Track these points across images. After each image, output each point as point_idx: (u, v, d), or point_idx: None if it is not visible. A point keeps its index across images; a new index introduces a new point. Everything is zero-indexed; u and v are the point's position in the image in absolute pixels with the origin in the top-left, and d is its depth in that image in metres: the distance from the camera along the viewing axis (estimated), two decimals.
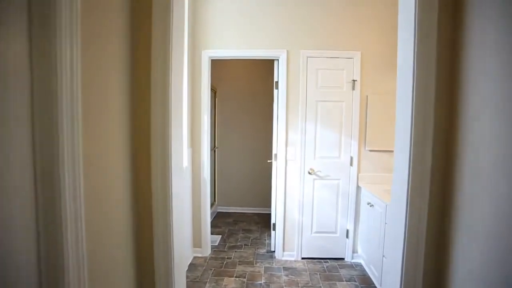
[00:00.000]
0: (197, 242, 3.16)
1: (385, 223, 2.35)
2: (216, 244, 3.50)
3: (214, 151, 4.71)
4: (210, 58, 3.08)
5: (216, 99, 4.70)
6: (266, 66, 3.94)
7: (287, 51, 3.02)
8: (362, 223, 3.01)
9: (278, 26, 3.02)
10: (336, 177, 3.10)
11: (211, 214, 4.30)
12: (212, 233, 3.74)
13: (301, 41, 3.02)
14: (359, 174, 3.08)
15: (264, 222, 4.36)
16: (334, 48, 3.01)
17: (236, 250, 3.38)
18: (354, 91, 3.01)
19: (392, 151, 3.13)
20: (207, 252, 3.20)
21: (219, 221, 4.39)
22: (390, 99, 3.00)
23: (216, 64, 4.58)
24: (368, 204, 2.76)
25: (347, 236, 3.14)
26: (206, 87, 3.06)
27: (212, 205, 4.52)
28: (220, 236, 3.75)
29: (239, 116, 4.77)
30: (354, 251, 3.14)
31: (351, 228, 3.11)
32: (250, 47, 3.02)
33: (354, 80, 3.00)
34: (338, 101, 3.03)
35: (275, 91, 3.13)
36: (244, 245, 3.52)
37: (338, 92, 3.02)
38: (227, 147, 4.80)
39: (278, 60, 3.07)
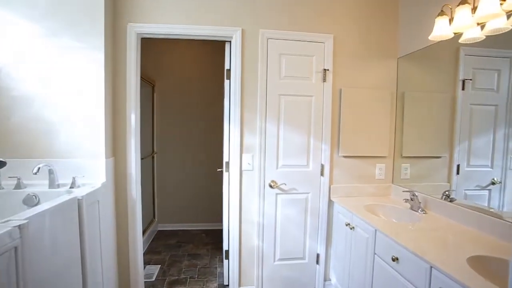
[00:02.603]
0: (124, 283, 2.35)
1: (374, 254, 1.78)
2: (153, 279, 2.71)
3: (153, 157, 3.88)
4: (140, 36, 2.29)
5: (155, 94, 3.88)
6: (219, 52, 3.21)
7: (242, 30, 2.34)
8: (336, 246, 2.43)
9: None
10: (304, 190, 2.48)
11: (150, 234, 3.50)
12: (148, 263, 2.95)
13: (261, 18, 2.36)
14: (332, 186, 2.50)
15: (214, 242, 3.64)
16: (301, 28, 2.39)
17: (179, 286, 2.62)
18: (325, 83, 2.42)
19: (370, 157, 2.67)
20: None
21: (159, 243, 3.57)
22: (368, 94, 2.46)
23: (153, 49, 3.80)
24: (347, 225, 2.18)
25: (317, 262, 2.54)
26: (133, 75, 2.26)
27: (150, 223, 3.70)
28: (159, 266, 2.96)
29: (184, 115, 4.00)
30: (326, 278, 2.55)
31: (322, 251, 2.52)
32: (194, 23, 2.29)
33: (325, 70, 2.40)
34: (306, 95, 2.42)
35: (226, 82, 2.44)
36: (190, 278, 2.77)
37: (306, 84, 2.41)
38: (169, 153, 4.00)
39: (230, 42, 2.38)
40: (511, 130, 1.62)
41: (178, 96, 3.97)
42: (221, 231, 3.07)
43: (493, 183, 1.74)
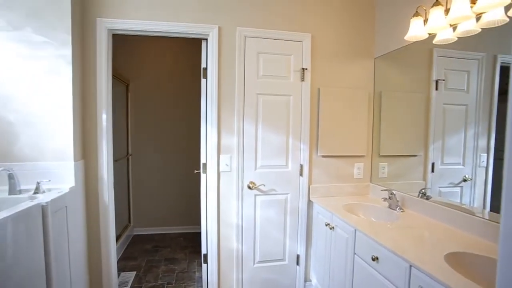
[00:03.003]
0: None
1: (354, 253, 1.77)
2: (128, 286, 2.59)
3: (127, 159, 3.73)
4: (111, 32, 2.17)
5: (129, 94, 3.74)
6: (197, 50, 3.13)
7: (219, 27, 2.27)
8: (316, 246, 2.42)
9: None
10: (284, 191, 2.45)
11: (125, 239, 3.36)
12: (123, 270, 2.82)
13: (238, 15, 2.31)
14: (311, 186, 2.48)
15: (193, 245, 3.55)
16: (279, 27, 2.36)
17: None
18: (303, 82, 2.40)
19: (349, 157, 2.69)
20: None
21: (135, 249, 3.44)
22: (346, 94, 2.47)
23: (127, 47, 3.66)
24: (326, 225, 2.17)
25: (297, 263, 2.52)
26: (104, 73, 2.15)
27: (125, 228, 3.56)
28: (135, 273, 2.84)
29: (161, 115, 3.88)
30: (306, 279, 2.54)
31: (302, 252, 2.50)
32: (170, 19, 2.21)
33: (303, 69, 2.39)
34: (284, 94, 2.39)
35: (202, 81, 2.36)
36: (167, 283, 2.67)
37: (284, 83, 2.38)
38: (145, 154, 3.87)
39: (207, 40, 2.31)
40: (480, 129, 1.66)
41: (154, 95, 3.85)
42: (199, 234, 2.99)
43: (464, 180, 1.78)
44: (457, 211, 1.72)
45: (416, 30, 1.88)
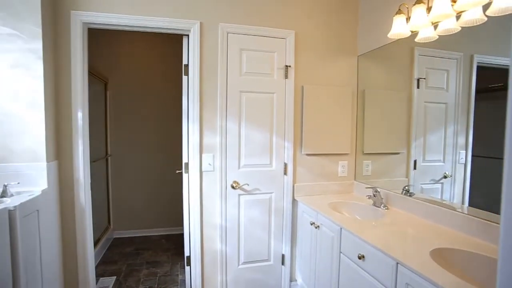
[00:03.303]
0: None
1: (340, 252, 1.75)
2: None
3: (106, 160, 3.60)
4: (86, 25, 2.06)
5: (108, 91, 3.61)
6: (180, 47, 3.05)
7: (201, 23, 2.21)
8: (301, 245, 2.40)
9: None
10: (268, 190, 2.42)
11: (104, 242, 3.24)
12: (102, 275, 2.71)
13: (220, 10, 2.25)
14: (295, 185, 2.46)
15: (176, 247, 3.46)
16: (263, 23, 2.32)
17: None
18: (287, 80, 2.38)
19: (333, 155, 2.66)
20: None
21: (115, 252, 3.32)
22: (330, 91, 2.46)
23: (106, 43, 3.54)
24: (311, 224, 2.15)
25: (282, 263, 2.49)
26: (79, 69, 2.04)
27: (105, 231, 3.43)
28: (115, 278, 2.73)
29: (142, 114, 3.77)
30: (291, 279, 2.51)
31: (287, 252, 2.47)
32: (149, 14, 2.12)
33: (287, 66, 2.36)
34: (268, 92, 2.35)
35: (184, 78, 2.29)
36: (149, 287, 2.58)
37: (267, 80, 2.35)
38: (125, 155, 3.75)
39: (188, 35, 2.24)
40: (459, 127, 1.69)
41: (135, 94, 3.72)
42: (183, 235, 2.91)
43: (445, 177, 1.80)
44: (440, 207, 1.73)
45: (399, 28, 1.89)
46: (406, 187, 2.03)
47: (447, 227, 1.66)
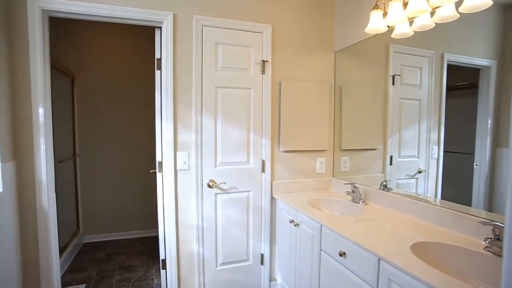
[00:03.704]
0: None
1: (321, 250, 1.72)
2: None
3: (74, 160, 3.39)
4: (46, 13, 1.90)
5: (75, 88, 3.40)
6: (153, 40, 2.91)
7: (174, 15, 2.10)
8: (281, 244, 2.36)
9: None
10: (245, 188, 2.36)
11: (73, 248, 3.06)
12: (69, 284, 2.54)
13: (195, 2, 2.15)
14: (273, 182, 2.41)
15: (150, 250, 3.33)
16: (239, 17, 2.25)
17: None
18: (264, 75, 2.32)
19: (311, 151, 2.62)
20: None
21: (85, 258, 3.13)
22: (307, 87, 2.43)
23: (72, 36, 3.33)
24: (291, 222, 2.11)
25: (262, 263, 2.44)
26: (40, 61, 1.87)
27: (73, 236, 3.24)
28: (84, 285, 2.56)
29: (113, 112, 3.59)
30: (271, 279, 2.47)
31: (266, 251, 2.42)
32: (118, 3, 1.99)
33: (264, 61, 2.30)
34: (244, 87, 2.29)
35: (156, 72, 2.18)
36: None
37: (244, 75, 2.28)
38: (95, 154, 3.55)
39: (161, 28, 2.13)
40: (431, 123, 1.71)
41: (105, 90, 3.53)
42: (157, 238, 2.79)
43: (419, 172, 1.83)
44: (417, 201, 1.75)
45: (375, 23, 1.88)
46: (384, 183, 2.05)
47: (424, 220, 1.68)
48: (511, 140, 0.60)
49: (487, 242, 1.25)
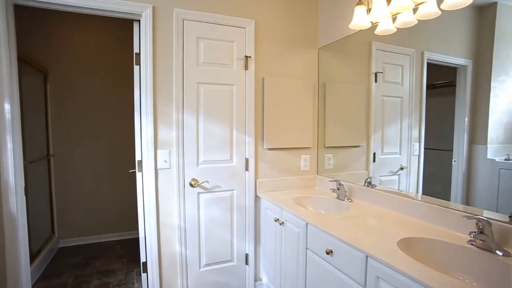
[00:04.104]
0: None
1: (307, 248, 1.69)
2: None
3: (48, 160, 3.22)
4: (11, 1, 1.77)
5: (48, 84, 3.22)
6: (129, 34, 2.79)
7: (154, 7, 2.01)
8: (266, 243, 2.32)
9: None
10: (229, 187, 2.30)
11: (47, 254, 2.91)
12: None
13: None
14: (257, 181, 2.37)
15: (131, 253, 3.21)
16: (221, 11, 2.18)
17: None
18: (247, 71, 2.27)
19: (295, 149, 2.54)
20: None
21: (61, 264, 2.97)
22: (291, 84, 2.41)
23: (44, 30, 3.17)
24: (276, 221, 2.07)
25: (246, 263, 2.40)
26: (4, 54, 1.73)
27: (48, 241, 3.07)
28: None
29: (89, 109, 3.43)
30: (256, 279, 2.42)
31: (251, 251, 2.38)
32: None
33: (247, 57, 2.25)
34: (227, 84, 2.23)
35: (135, 67, 2.08)
36: None
37: (227, 71, 2.22)
38: (72, 154, 3.39)
39: (139, 21, 2.04)
40: (412, 120, 1.73)
41: (81, 86, 3.37)
42: (137, 240, 2.69)
43: (401, 168, 1.84)
44: (401, 197, 1.76)
45: (359, 19, 1.87)
46: (368, 179, 2.05)
47: (409, 216, 1.69)
48: None
49: (472, 235, 1.26)
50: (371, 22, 1.88)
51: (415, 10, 1.65)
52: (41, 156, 3.00)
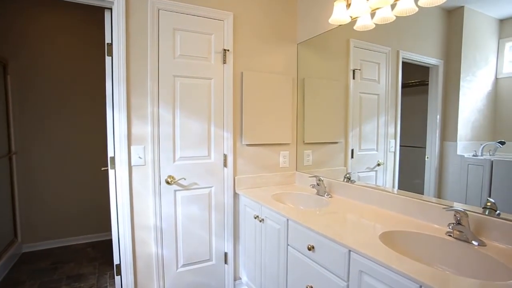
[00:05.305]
0: None
1: (288, 245, 1.67)
2: None
3: (9, 158, 3.00)
4: None
5: (9, 76, 3.00)
6: (101, 24, 2.65)
7: None
8: (245, 241, 2.28)
9: None
10: (207, 184, 2.23)
11: (8, 260, 2.73)
12: None
13: None
14: (236, 177, 2.32)
15: (104, 255, 3.06)
16: (199, 2, 2.11)
17: None
18: (225, 65, 2.21)
19: (274, 145, 2.52)
20: None
21: (24, 270, 2.77)
22: (270, 79, 2.38)
23: (3, 19, 2.95)
24: (255, 218, 2.03)
25: (225, 262, 2.34)
26: None
27: (9, 245, 2.87)
28: None
29: (56, 103, 3.23)
30: (235, 278, 2.38)
31: (230, 250, 2.33)
32: None
33: (225, 50, 2.19)
34: (205, 77, 2.16)
35: (107, 58, 1.97)
36: None
37: (204, 65, 2.15)
38: (35, 152, 3.18)
39: (111, 9, 1.93)
40: (389, 117, 1.75)
41: (47, 78, 3.17)
42: (111, 242, 2.55)
43: (378, 164, 1.86)
44: (380, 191, 1.77)
45: (339, 14, 1.87)
46: (348, 175, 2.05)
47: (389, 210, 1.71)
48: None
49: (450, 227, 1.28)
50: (351, 17, 1.89)
51: (393, 6, 1.67)
52: (1, 153, 2.79)
